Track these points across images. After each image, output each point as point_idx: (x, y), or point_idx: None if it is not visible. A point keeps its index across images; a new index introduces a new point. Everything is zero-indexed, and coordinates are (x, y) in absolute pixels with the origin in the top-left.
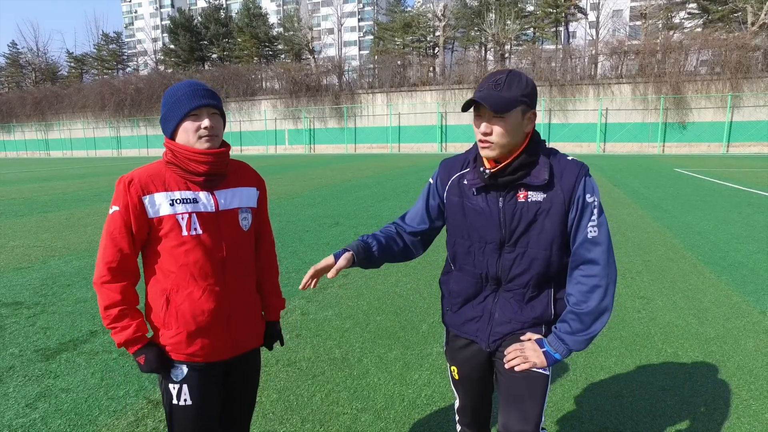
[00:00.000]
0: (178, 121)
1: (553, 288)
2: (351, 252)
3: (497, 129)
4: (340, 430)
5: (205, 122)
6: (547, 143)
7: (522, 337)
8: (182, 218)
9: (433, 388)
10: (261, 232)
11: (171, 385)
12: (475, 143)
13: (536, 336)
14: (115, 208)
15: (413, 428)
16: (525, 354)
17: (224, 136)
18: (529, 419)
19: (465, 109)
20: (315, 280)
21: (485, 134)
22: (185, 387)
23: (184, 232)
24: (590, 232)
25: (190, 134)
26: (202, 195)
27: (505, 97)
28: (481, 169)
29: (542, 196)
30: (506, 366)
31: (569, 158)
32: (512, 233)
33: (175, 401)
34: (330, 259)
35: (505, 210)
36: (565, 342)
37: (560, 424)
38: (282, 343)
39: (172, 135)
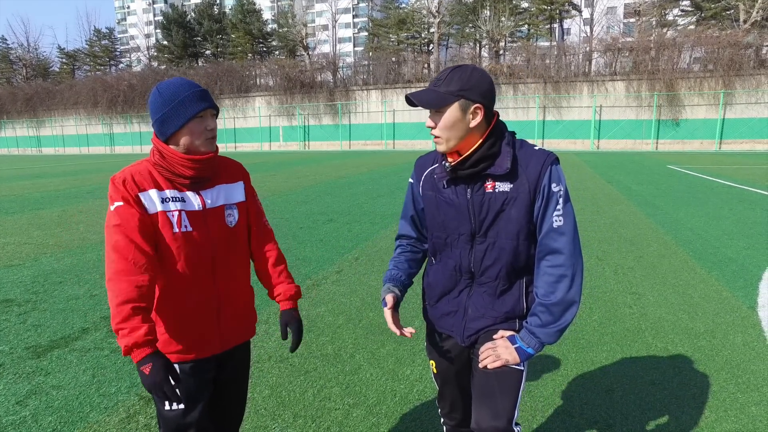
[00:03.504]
0: (184, 122)
1: (524, 281)
2: (393, 295)
3: (438, 123)
4: (332, 426)
5: (211, 124)
6: (542, 139)
7: (494, 336)
8: (173, 215)
9: (425, 383)
10: (255, 223)
11: None
12: None
13: (508, 333)
14: (118, 203)
15: (405, 423)
16: (497, 352)
17: (219, 133)
18: (499, 415)
19: (409, 103)
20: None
21: (430, 128)
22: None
23: (176, 229)
24: (555, 221)
25: (196, 136)
26: (190, 194)
27: (439, 93)
28: (444, 163)
29: (509, 186)
30: (480, 365)
31: (536, 148)
32: (481, 224)
33: (167, 407)
34: (388, 315)
35: (474, 201)
36: (536, 335)
37: (550, 418)
38: (296, 338)
39: (170, 136)
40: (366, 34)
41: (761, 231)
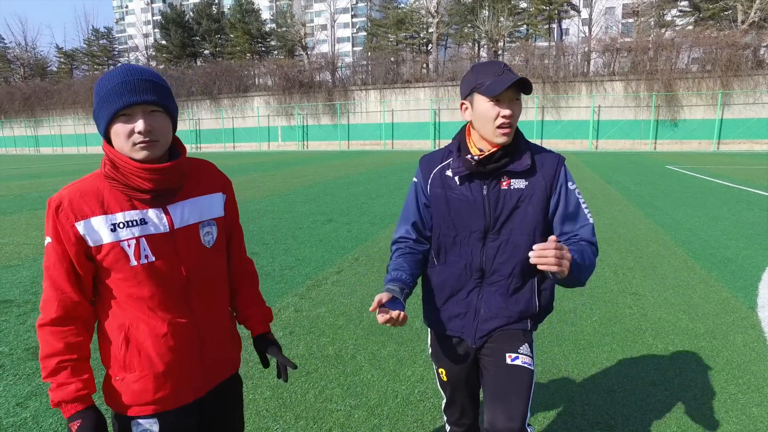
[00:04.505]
0: (107, 122)
1: (536, 280)
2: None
3: (516, 111)
4: (334, 427)
5: (139, 125)
6: (541, 140)
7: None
8: (128, 245)
9: (427, 384)
10: (230, 240)
11: None
12: (455, 138)
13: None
14: (48, 239)
15: (407, 424)
16: (563, 260)
17: (218, 133)
18: (514, 416)
19: (497, 90)
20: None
21: (508, 117)
22: None
23: (133, 262)
24: (588, 214)
25: (121, 140)
26: (152, 213)
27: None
28: (468, 156)
29: (524, 184)
30: (535, 260)
31: (545, 149)
32: (496, 220)
33: None
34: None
35: (489, 197)
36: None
37: (552, 419)
38: (286, 365)
39: (108, 138)
40: (365, 34)
41: (760, 231)
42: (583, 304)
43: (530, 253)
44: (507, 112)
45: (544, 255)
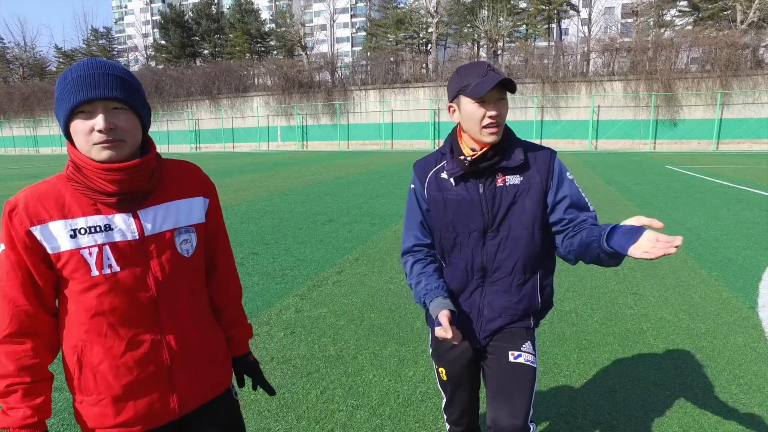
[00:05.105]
0: (66, 119)
1: (538, 276)
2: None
3: (503, 111)
4: (336, 428)
5: (99, 122)
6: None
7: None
8: (89, 253)
9: (428, 384)
10: (214, 251)
11: None
12: (447, 141)
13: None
14: (1, 246)
15: (408, 425)
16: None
17: (217, 133)
18: (518, 413)
19: (482, 92)
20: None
21: (495, 117)
22: None
23: (94, 272)
24: (588, 204)
25: (81, 139)
26: (119, 219)
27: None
28: (461, 157)
29: (519, 179)
30: (643, 255)
31: (536, 144)
32: (494, 217)
33: None
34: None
35: (486, 195)
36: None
37: (554, 419)
38: (264, 387)
39: (69, 137)
40: (364, 34)
41: (760, 231)
42: (583, 305)
43: (638, 255)
44: (493, 112)
45: (649, 249)
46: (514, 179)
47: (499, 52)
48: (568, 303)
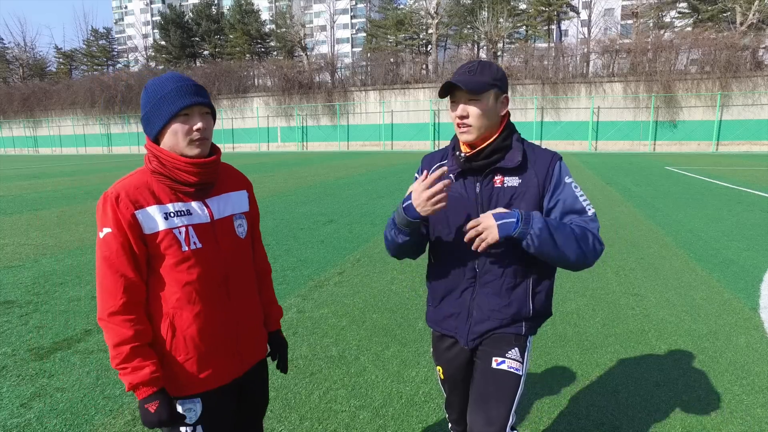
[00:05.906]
0: (166, 122)
1: (530, 281)
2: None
3: (473, 111)
4: (339, 428)
5: (198, 124)
6: (540, 141)
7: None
8: (180, 232)
9: (431, 385)
10: (253, 236)
11: (184, 429)
12: (454, 136)
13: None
14: (107, 230)
15: (411, 425)
16: (485, 234)
17: (217, 134)
18: (493, 421)
19: (442, 93)
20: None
21: (462, 117)
22: (199, 429)
23: (184, 247)
24: (587, 208)
25: (179, 138)
26: (195, 205)
27: (479, 80)
28: (458, 153)
29: (517, 181)
30: (465, 239)
31: (542, 147)
32: None
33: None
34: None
35: (482, 194)
36: (532, 218)
37: (557, 420)
38: (284, 364)
39: (156, 137)
40: (364, 34)
41: (760, 232)
42: (585, 306)
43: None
44: (457, 112)
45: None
46: (512, 181)
47: (499, 53)
48: (569, 304)
